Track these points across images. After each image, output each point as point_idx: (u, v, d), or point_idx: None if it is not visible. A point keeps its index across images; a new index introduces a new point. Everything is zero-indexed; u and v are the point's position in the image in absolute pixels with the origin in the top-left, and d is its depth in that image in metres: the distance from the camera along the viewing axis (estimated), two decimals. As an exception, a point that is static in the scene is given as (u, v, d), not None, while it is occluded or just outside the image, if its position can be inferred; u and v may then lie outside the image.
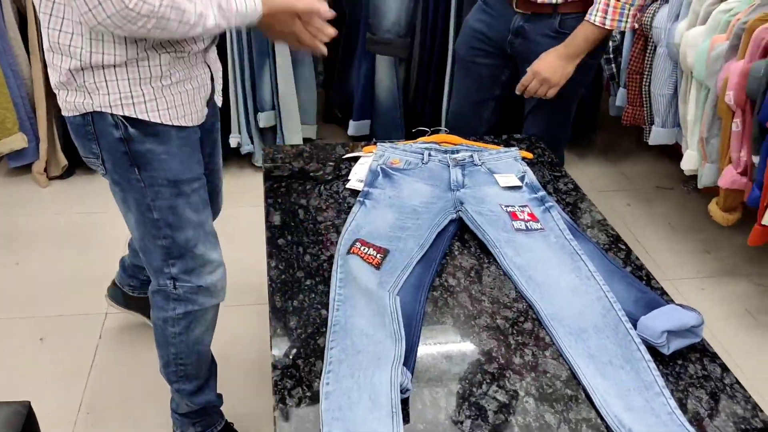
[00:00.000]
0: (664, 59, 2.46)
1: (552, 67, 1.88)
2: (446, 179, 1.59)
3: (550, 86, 1.90)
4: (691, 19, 2.29)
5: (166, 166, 1.37)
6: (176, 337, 1.55)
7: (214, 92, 1.53)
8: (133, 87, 1.32)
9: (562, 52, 1.87)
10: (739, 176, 2.12)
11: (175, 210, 1.41)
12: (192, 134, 1.43)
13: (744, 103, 2.03)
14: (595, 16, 1.83)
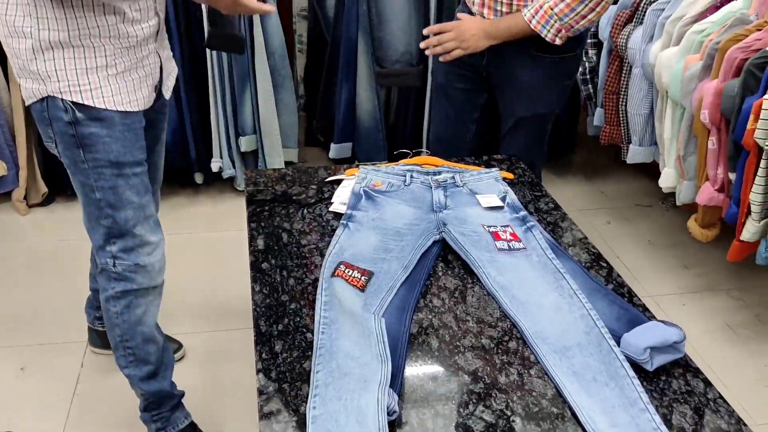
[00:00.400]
0: (640, 79, 2.50)
1: (470, 31, 1.90)
2: (429, 201, 1.60)
3: (460, 45, 1.90)
4: (665, 40, 2.34)
5: (108, 149, 1.49)
6: (118, 317, 1.64)
7: (162, 83, 1.63)
8: (80, 76, 1.45)
9: (484, 25, 1.90)
10: (717, 193, 2.15)
11: (116, 190, 1.52)
12: (136, 120, 1.54)
13: (719, 122, 2.07)
14: (527, 11, 1.86)
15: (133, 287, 1.61)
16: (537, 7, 1.85)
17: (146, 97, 1.56)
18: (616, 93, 2.67)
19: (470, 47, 1.90)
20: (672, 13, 2.34)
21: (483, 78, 2.06)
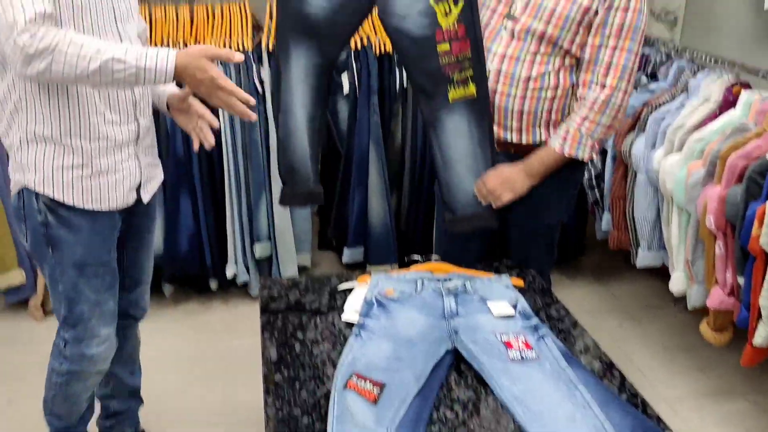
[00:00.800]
0: (645, 185, 2.56)
1: (502, 178, 1.95)
2: (440, 308, 1.62)
3: (508, 189, 1.95)
4: (667, 148, 2.41)
5: (73, 251, 1.63)
6: (56, 387, 1.79)
7: (141, 187, 1.74)
8: (56, 171, 1.58)
9: (518, 168, 1.95)
10: (727, 297, 2.16)
11: (76, 287, 1.66)
12: (107, 220, 1.67)
13: (725, 227, 2.10)
14: (554, 141, 1.93)
15: (77, 369, 1.75)
16: (563, 134, 1.92)
17: (120, 199, 1.68)
18: (623, 198, 2.73)
19: (517, 190, 1.94)
20: (673, 121, 2.43)
21: None
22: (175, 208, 2.84)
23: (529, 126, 1.97)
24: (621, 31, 1.85)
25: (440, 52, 1.87)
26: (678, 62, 2.69)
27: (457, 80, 1.89)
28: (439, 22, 1.84)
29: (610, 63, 1.87)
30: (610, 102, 1.88)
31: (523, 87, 1.92)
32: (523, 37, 1.90)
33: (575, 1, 1.85)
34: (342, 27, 1.90)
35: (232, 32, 2.81)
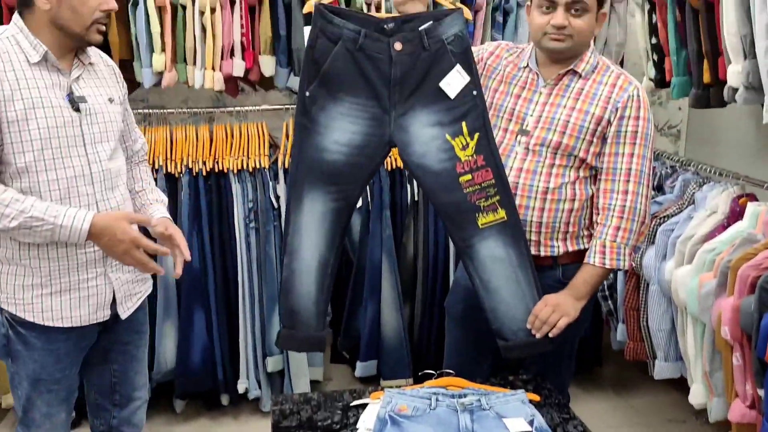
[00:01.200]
0: (658, 295, 2.56)
1: (552, 306, 1.92)
2: (455, 425, 1.59)
3: (562, 314, 1.90)
4: (678, 259, 2.42)
5: (27, 367, 1.73)
6: None
7: (117, 304, 1.79)
8: (17, 290, 1.68)
9: (564, 293, 1.94)
10: (748, 410, 2.11)
11: (30, 398, 1.76)
12: (68, 337, 1.74)
13: (741, 338, 2.08)
14: (594, 258, 1.94)
15: None
16: (600, 249, 1.93)
17: (86, 316, 1.74)
18: (636, 309, 2.72)
19: (571, 314, 1.92)
20: (681, 232, 2.45)
21: None
22: (188, 322, 2.85)
23: (547, 239, 1.99)
24: (635, 138, 1.92)
25: (463, 183, 1.91)
26: (683, 175, 2.75)
27: (485, 207, 1.92)
28: (458, 155, 1.90)
29: (629, 170, 1.92)
30: (636, 208, 1.92)
31: (541, 199, 1.96)
32: (538, 150, 1.96)
33: (587, 112, 1.92)
34: (362, 170, 1.93)
35: (250, 151, 2.91)
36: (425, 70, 1.88)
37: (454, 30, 1.86)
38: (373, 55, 1.86)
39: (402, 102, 1.89)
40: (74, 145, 1.69)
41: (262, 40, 2.77)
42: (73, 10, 1.64)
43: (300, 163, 1.93)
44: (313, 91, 1.88)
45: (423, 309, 3.09)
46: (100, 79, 1.81)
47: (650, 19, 2.75)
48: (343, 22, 1.84)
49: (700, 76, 2.44)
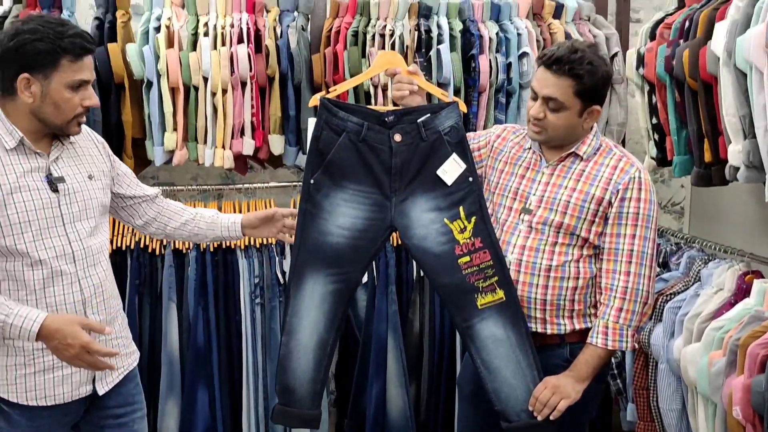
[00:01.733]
0: (667, 374, 2.53)
1: (553, 389, 1.94)
2: None
3: (562, 396, 1.91)
4: (686, 337, 2.40)
5: None
6: None
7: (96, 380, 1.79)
8: (0, 371, 1.69)
9: (566, 375, 1.94)
10: (766, 495, 2.05)
11: None
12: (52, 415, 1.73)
13: (753, 418, 2.04)
14: (596, 339, 1.94)
15: None
16: (602, 330, 1.95)
17: (69, 393, 1.75)
18: (646, 388, 2.68)
19: (572, 396, 1.93)
20: (688, 310, 2.44)
21: None
22: (191, 400, 2.82)
23: (553, 317, 1.99)
24: (637, 220, 1.94)
25: (461, 264, 2.00)
26: (688, 252, 2.76)
27: (483, 288, 1.99)
28: (456, 238, 2.00)
29: (631, 251, 1.94)
30: (639, 289, 1.93)
31: (544, 276, 1.97)
32: (541, 228, 1.99)
33: (588, 193, 1.96)
34: (364, 253, 2.03)
35: (257, 227, 2.94)
36: (423, 159, 2.00)
37: (450, 122, 2.00)
38: (375, 146, 1.99)
39: (402, 189, 2.00)
40: (53, 226, 1.72)
41: (271, 120, 2.84)
42: (56, 106, 1.70)
43: (302, 247, 2.02)
44: (318, 179, 2.00)
45: (429, 386, 3.05)
46: (80, 156, 1.84)
47: (650, 100, 2.81)
48: (346, 116, 1.98)
49: (702, 155, 2.48)
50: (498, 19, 2.99)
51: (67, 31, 1.68)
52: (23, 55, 1.65)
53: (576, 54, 1.89)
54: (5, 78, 1.68)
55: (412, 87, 2.05)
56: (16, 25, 1.68)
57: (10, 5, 2.74)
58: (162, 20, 2.75)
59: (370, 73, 2.27)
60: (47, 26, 1.66)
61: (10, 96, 1.70)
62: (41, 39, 1.65)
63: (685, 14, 2.57)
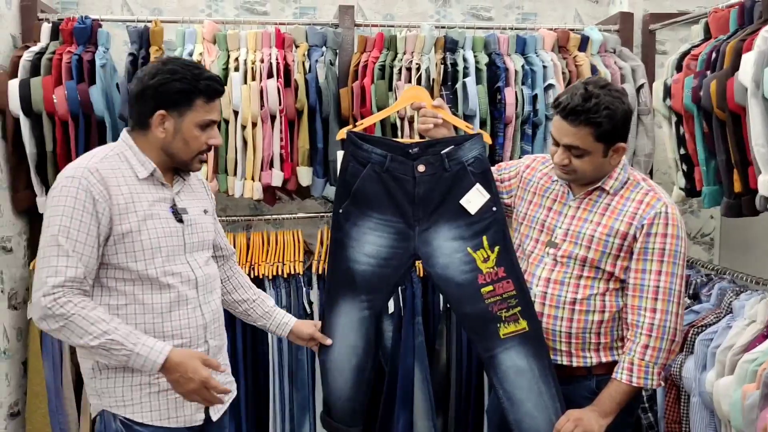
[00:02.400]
0: (700, 408, 2.48)
1: (576, 422, 1.92)
2: None
3: (585, 429, 1.90)
4: (719, 370, 2.36)
5: None
6: None
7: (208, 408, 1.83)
8: (125, 391, 1.72)
9: (590, 409, 1.93)
10: None
11: None
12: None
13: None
14: (621, 374, 1.92)
15: None
16: (628, 366, 1.93)
17: (188, 416, 1.78)
18: (678, 422, 2.63)
19: (594, 429, 1.91)
20: (720, 342, 2.40)
21: None
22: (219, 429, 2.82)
23: (579, 350, 1.98)
24: (663, 256, 1.92)
25: (484, 294, 2.01)
26: (719, 283, 2.72)
27: (506, 317, 2.00)
28: (480, 267, 2.02)
29: (657, 287, 1.92)
30: (666, 326, 1.91)
31: (569, 310, 1.96)
32: (566, 262, 1.98)
33: (612, 227, 1.95)
34: (388, 280, 2.08)
35: (285, 257, 2.97)
36: (446, 189, 2.03)
37: (474, 153, 2.03)
38: (399, 176, 2.04)
39: (426, 218, 2.04)
40: (179, 254, 1.81)
41: (300, 152, 2.88)
42: (185, 142, 1.80)
43: (334, 274, 2.10)
44: (346, 209, 2.06)
45: (457, 418, 3.02)
46: (195, 192, 1.95)
47: (677, 130, 2.81)
48: (371, 148, 2.04)
49: (731, 185, 2.46)
50: (524, 52, 3.03)
51: (203, 74, 1.79)
52: (162, 93, 1.76)
53: (590, 102, 1.85)
54: (141, 113, 1.79)
55: (437, 120, 2.08)
56: (156, 66, 1.79)
57: (47, 42, 2.83)
58: (194, 55, 2.82)
59: (396, 107, 2.32)
60: (186, 68, 1.78)
61: (143, 130, 1.81)
62: (180, 80, 1.75)
63: (711, 46, 2.57)
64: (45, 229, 1.69)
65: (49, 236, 1.67)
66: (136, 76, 1.82)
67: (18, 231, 2.88)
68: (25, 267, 2.91)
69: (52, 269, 1.64)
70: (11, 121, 2.76)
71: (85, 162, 1.75)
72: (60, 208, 1.68)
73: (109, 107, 2.79)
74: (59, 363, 2.78)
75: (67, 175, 1.72)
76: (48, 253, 1.66)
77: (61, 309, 1.63)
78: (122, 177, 1.76)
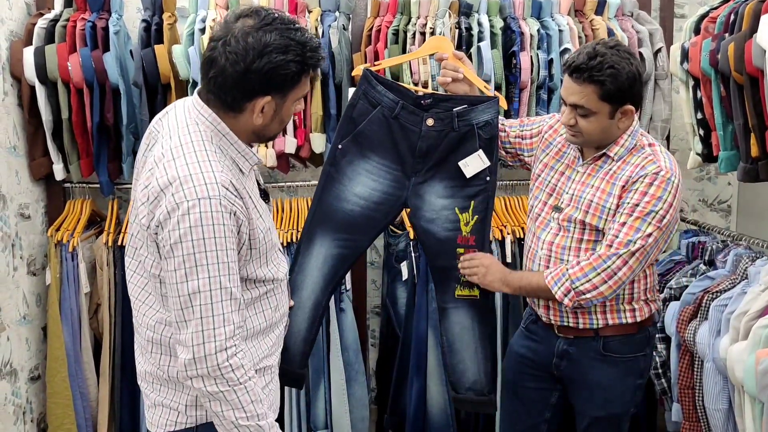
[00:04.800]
0: (713, 374, 2.48)
1: (485, 264, 2.03)
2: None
3: (484, 274, 2.02)
4: (733, 335, 2.36)
5: None
6: None
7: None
8: None
9: (504, 272, 2.04)
10: (815, 497, 2.00)
11: None
12: None
13: (802, 418, 2.00)
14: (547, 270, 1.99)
15: None
16: (555, 268, 1.98)
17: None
18: (691, 388, 2.63)
19: (487, 285, 2.04)
20: (735, 308, 2.39)
21: (554, 377, 2.09)
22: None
23: (585, 312, 1.98)
24: (634, 211, 1.88)
25: (457, 254, 2.10)
26: (735, 249, 2.71)
27: (463, 281, 2.11)
28: (461, 228, 2.09)
29: (618, 232, 1.89)
30: (606, 264, 1.87)
31: None
32: (566, 226, 1.98)
33: (610, 193, 1.94)
34: (375, 224, 2.09)
35: (299, 224, 2.98)
36: (449, 148, 2.04)
37: (486, 117, 2.01)
38: (406, 126, 2.03)
39: (422, 172, 2.06)
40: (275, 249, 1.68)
41: (313, 119, 2.88)
42: (281, 122, 1.58)
43: (319, 208, 2.08)
44: (345, 146, 2.05)
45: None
46: None
47: (695, 95, 2.77)
48: (384, 90, 2.03)
49: (748, 149, 2.43)
50: (539, 16, 2.98)
51: (308, 42, 1.49)
52: (274, 77, 1.47)
53: (595, 60, 1.84)
54: (237, 97, 1.49)
55: (457, 75, 2.07)
56: (260, 36, 1.44)
57: (61, 9, 2.84)
58: (207, 22, 2.81)
59: (418, 54, 2.35)
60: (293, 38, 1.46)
61: (233, 113, 1.52)
62: (293, 60, 1.47)
63: (729, 8, 2.53)
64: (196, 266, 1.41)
65: (211, 278, 1.41)
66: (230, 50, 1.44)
67: (35, 198, 2.92)
68: (43, 234, 2.95)
69: (220, 318, 1.41)
70: (27, 89, 2.78)
71: (209, 175, 1.43)
72: (212, 241, 1.40)
73: (123, 74, 2.80)
74: (78, 328, 2.83)
75: (201, 196, 1.40)
76: (213, 299, 1.41)
77: (232, 374, 1.43)
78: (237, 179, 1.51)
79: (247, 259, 1.54)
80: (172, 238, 1.41)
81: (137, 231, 1.54)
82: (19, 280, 2.77)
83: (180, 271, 1.41)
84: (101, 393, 2.89)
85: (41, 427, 2.92)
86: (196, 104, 1.53)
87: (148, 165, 1.51)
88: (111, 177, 2.90)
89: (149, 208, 1.45)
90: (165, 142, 1.49)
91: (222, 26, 1.49)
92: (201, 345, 1.40)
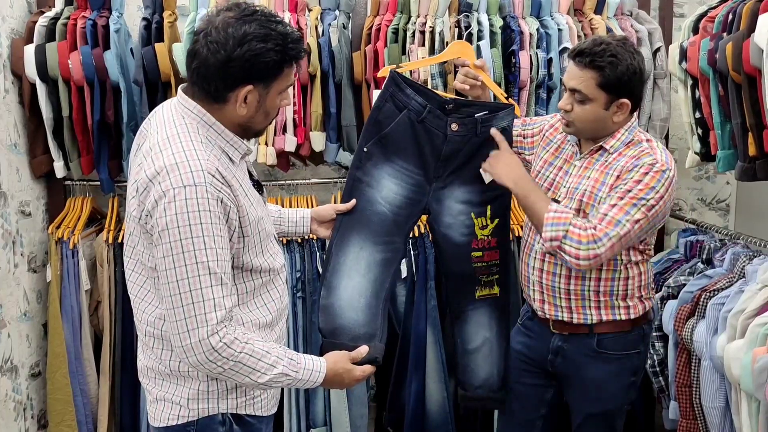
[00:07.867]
0: (710, 371, 2.49)
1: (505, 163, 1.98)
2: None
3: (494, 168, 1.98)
4: (730, 333, 2.37)
5: None
6: None
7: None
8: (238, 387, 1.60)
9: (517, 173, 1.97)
10: (811, 494, 2.02)
11: None
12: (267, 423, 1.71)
13: (798, 416, 2.01)
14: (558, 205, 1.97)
15: None
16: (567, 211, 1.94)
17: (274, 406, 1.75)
18: (689, 386, 2.64)
19: (494, 174, 1.99)
20: (732, 306, 2.40)
21: (549, 374, 2.10)
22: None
23: (579, 307, 2.00)
24: (625, 196, 1.89)
25: (473, 258, 2.10)
26: (733, 248, 2.72)
27: (484, 282, 2.12)
28: (476, 233, 2.09)
29: (608, 211, 1.89)
30: (596, 245, 1.87)
31: (567, 267, 1.97)
32: None
33: (604, 182, 1.96)
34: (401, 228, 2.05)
35: (298, 222, 2.99)
36: (471, 153, 2.04)
37: (503, 124, 2.04)
38: (431, 130, 2.01)
39: (443, 177, 2.05)
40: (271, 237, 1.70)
41: (313, 117, 2.89)
42: (266, 114, 1.59)
43: (349, 212, 2.03)
44: (371, 149, 2.02)
45: (468, 382, 3.05)
46: None
47: (693, 94, 2.78)
48: (413, 94, 2.00)
49: (746, 149, 2.44)
50: (538, 15, 3.00)
51: (289, 34, 1.51)
52: (254, 65, 1.48)
53: (599, 47, 1.90)
54: (220, 87, 1.50)
55: (475, 82, 2.09)
56: (240, 26, 1.46)
57: (62, 7, 2.85)
58: (207, 20, 2.82)
59: (441, 58, 2.36)
60: (273, 29, 1.48)
61: (217, 103, 1.53)
62: (274, 48, 1.48)
63: (728, 7, 2.53)
64: (183, 252, 1.43)
65: (198, 263, 1.43)
66: (211, 40, 1.46)
67: (36, 195, 2.93)
68: (44, 231, 2.96)
69: (210, 303, 1.43)
70: (28, 87, 2.79)
71: (195, 163, 1.46)
72: (198, 227, 1.42)
73: (124, 72, 2.81)
74: (78, 325, 2.84)
75: (187, 183, 1.43)
76: (202, 284, 1.43)
77: (229, 349, 1.46)
78: (225, 168, 1.53)
79: (241, 248, 1.55)
80: (159, 226, 1.44)
81: (133, 228, 1.56)
82: (20, 277, 2.78)
83: (168, 258, 1.43)
84: (101, 389, 2.90)
85: (42, 423, 2.93)
86: (181, 99, 1.57)
87: (138, 160, 1.55)
88: (111, 174, 2.92)
89: (139, 199, 1.48)
90: (152, 138, 1.53)
91: (204, 20, 1.52)
92: (195, 330, 1.43)
